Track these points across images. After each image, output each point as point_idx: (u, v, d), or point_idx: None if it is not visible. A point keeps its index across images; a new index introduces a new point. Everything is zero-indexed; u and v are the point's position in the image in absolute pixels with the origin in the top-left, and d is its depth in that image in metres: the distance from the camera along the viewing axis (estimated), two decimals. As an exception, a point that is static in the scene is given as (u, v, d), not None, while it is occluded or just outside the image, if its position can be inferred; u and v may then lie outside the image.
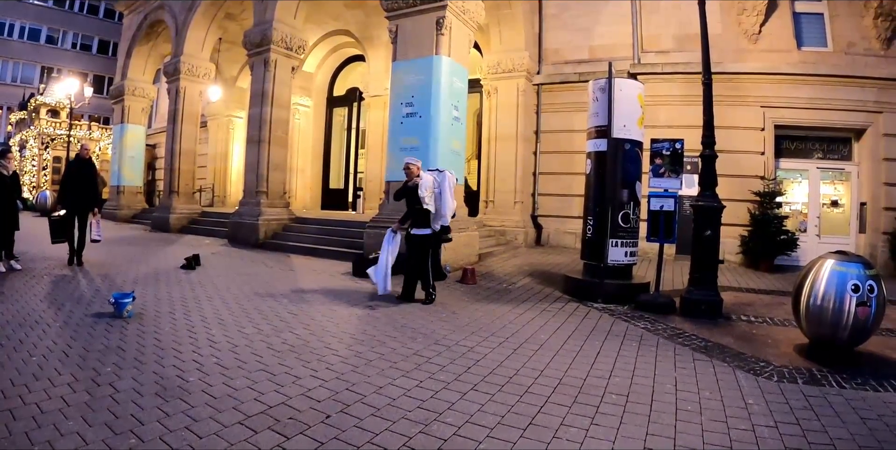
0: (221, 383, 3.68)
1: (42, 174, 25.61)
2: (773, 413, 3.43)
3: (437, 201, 6.68)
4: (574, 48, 12.87)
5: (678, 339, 5.22)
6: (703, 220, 6.40)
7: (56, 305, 5.90)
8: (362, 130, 17.74)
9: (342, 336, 5.02)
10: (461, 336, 5.10)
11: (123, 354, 4.26)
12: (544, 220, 13.20)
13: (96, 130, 29.16)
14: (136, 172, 20.56)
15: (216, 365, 4.06)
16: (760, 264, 10.06)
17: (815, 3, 11.19)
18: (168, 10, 17.43)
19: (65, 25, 41.25)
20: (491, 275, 8.75)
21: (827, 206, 11.09)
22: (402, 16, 9.80)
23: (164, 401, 3.34)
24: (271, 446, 2.80)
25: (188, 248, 11.03)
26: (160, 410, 3.20)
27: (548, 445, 2.86)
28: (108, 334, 4.82)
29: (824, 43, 11.08)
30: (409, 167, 6.76)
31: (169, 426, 2.99)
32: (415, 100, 9.37)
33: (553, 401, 3.50)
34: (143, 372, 3.86)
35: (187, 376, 3.80)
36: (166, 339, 4.75)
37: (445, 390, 3.66)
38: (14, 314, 5.42)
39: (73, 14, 41.81)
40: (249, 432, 2.95)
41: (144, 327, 5.10)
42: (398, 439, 2.89)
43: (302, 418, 3.15)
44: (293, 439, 2.88)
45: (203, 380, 3.74)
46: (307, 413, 3.22)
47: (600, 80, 7.28)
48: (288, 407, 3.30)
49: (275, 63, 12.86)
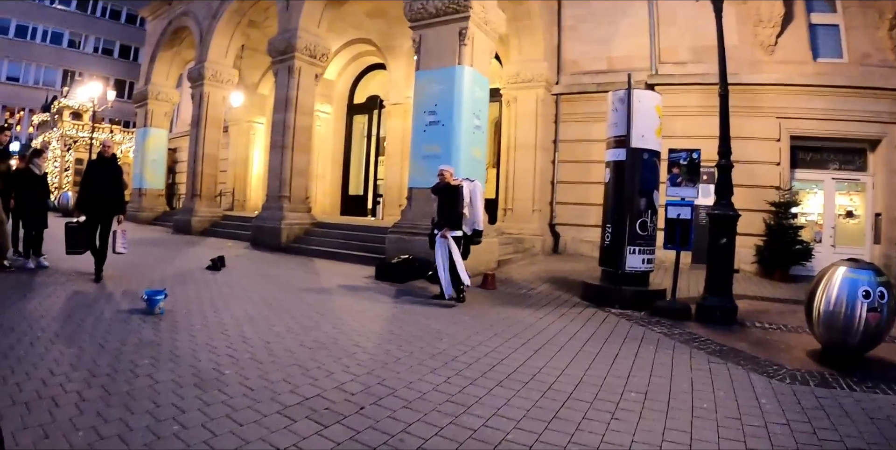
0: (257, 376, 3.87)
1: (64, 175, 26.10)
2: (786, 412, 3.57)
3: (470, 207, 7.12)
4: (592, 59, 13.07)
5: (694, 343, 5.38)
6: (718, 228, 6.57)
7: (87, 301, 6.15)
8: (382, 137, 18.00)
9: (369, 335, 5.24)
10: (484, 337, 5.30)
11: (159, 348, 4.45)
12: (562, 228, 13.37)
13: (118, 133, 29.85)
14: (158, 174, 21.05)
15: (251, 360, 4.26)
16: (775, 274, 10.13)
17: (830, 15, 11.30)
18: (192, 17, 17.88)
19: (87, 30, 42.35)
20: (510, 281, 8.95)
21: (842, 216, 11.15)
22: (426, 26, 10.03)
23: (202, 392, 3.51)
24: (310, 433, 2.98)
25: (211, 250, 11.35)
26: (200, 400, 3.38)
27: (571, 436, 3.05)
28: (142, 330, 5.02)
29: (840, 54, 11.18)
30: (443, 173, 7.16)
31: (210, 414, 3.16)
32: (437, 108, 9.60)
33: (575, 397, 3.69)
34: (180, 365, 4.05)
35: (223, 369, 3.99)
36: (200, 335, 4.95)
37: (472, 385, 3.85)
38: (47, 309, 5.67)
39: (95, 18, 42.88)
40: (288, 420, 3.13)
41: (177, 324, 5.31)
42: (430, 429, 3.09)
43: (337, 408, 3.34)
44: (330, 428, 3.06)
45: (239, 373, 3.93)
46: (342, 405, 3.41)
47: (620, 91, 7.48)
48: (323, 399, 3.48)
49: (299, 70, 13.17)
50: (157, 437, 2.84)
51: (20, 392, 3.32)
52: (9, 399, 3.20)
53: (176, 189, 26.30)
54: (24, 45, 39.09)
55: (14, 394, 3.29)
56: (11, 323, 5.00)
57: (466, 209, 7.08)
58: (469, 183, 7.24)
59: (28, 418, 2.97)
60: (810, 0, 11.35)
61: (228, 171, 21.66)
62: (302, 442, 2.87)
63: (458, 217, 7.07)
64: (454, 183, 7.12)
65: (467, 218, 7.13)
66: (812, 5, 11.35)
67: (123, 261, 9.24)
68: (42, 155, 8.98)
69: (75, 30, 41.71)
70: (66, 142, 26.59)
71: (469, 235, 7.20)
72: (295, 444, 2.85)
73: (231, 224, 16.12)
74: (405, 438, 2.97)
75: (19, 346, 4.30)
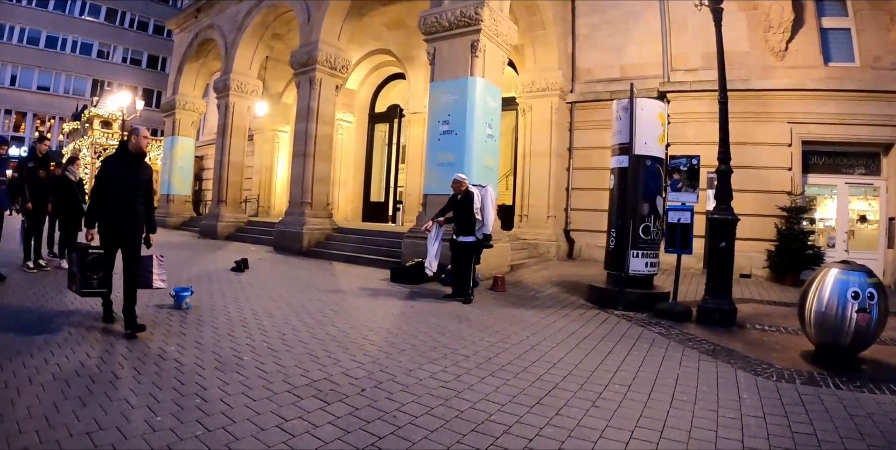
0: (272, 362, 4.30)
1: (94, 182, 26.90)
2: (764, 407, 3.71)
3: (481, 212, 7.47)
4: (605, 67, 13.27)
5: (689, 343, 5.56)
6: (718, 232, 6.71)
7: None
8: (402, 145, 18.33)
9: (378, 330, 5.57)
10: (485, 333, 5.58)
11: (184, 337, 4.94)
12: (576, 234, 13.54)
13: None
14: (185, 181, 21.67)
15: (267, 348, 4.69)
16: (786, 279, 10.15)
17: (841, 19, 11.28)
18: (217, 30, 18.46)
19: (115, 40, 43.45)
20: (521, 284, 9.18)
21: (856, 221, 11.14)
22: (439, 39, 10.36)
23: (222, 374, 3.96)
24: (315, 408, 3.38)
25: (236, 253, 11.76)
26: (220, 380, 3.82)
27: (550, 419, 3.31)
28: (170, 321, 5.53)
29: (851, 58, 11.15)
30: (461, 183, 7.57)
31: (228, 391, 3.60)
32: (451, 118, 9.91)
33: (561, 387, 3.94)
34: (203, 352, 4.51)
35: (242, 356, 4.44)
36: (222, 327, 5.41)
37: (467, 374, 4.15)
38: (82, 303, 6.13)
39: (124, 30, 44.02)
40: (296, 398, 3.54)
41: (202, 317, 5.76)
42: (422, 409, 3.42)
43: (341, 390, 3.73)
44: (333, 405, 3.45)
45: (256, 359, 4.37)
46: (345, 387, 3.79)
47: (623, 99, 7.71)
48: (329, 381, 3.88)
49: (320, 82, 13.61)
50: (180, 408, 3.28)
51: (60, 371, 3.84)
52: (50, 377, 3.71)
53: (202, 195, 26.96)
54: (55, 55, 40.42)
55: (55, 372, 3.81)
56: (50, 316, 5.55)
57: (478, 214, 7.42)
58: (480, 189, 7.63)
59: (68, 391, 3.46)
60: (821, 4, 11.35)
61: (253, 178, 22.18)
62: (307, 415, 3.27)
63: (471, 222, 7.43)
64: (472, 191, 7.53)
65: (480, 222, 7.48)
66: (823, 9, 11.36)
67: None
68: (76, 162, 9.45)
69: (104, 40, 42.93)
70: (97, 149, 27.43)
71: (480, 239, 7.54)
72: (300, 417, 3.24)
73: (255, 229, 16.55)
74: (398, 415, 3.31)
75: (58, 335, 4.81)
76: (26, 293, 6.67)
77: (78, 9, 41.52)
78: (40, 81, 40.04)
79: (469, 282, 7.45)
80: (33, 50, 39.44)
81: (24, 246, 8.57)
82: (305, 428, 3.09)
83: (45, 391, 3.44)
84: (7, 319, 5.25)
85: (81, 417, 3.08)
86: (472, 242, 7.50)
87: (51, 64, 40.20)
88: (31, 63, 39.41)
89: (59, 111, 39.56)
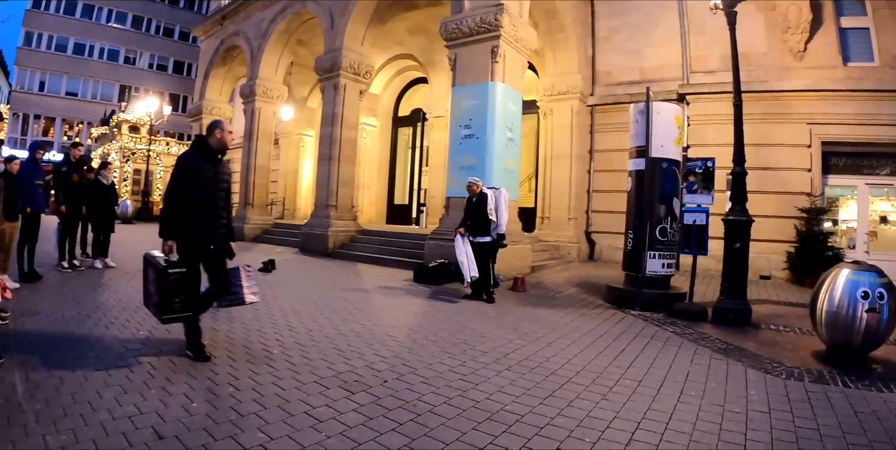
0: (299, 355, 4.59)
1: (123, 185, 27.56)
2: (770, 403, 3.82)
3: (495, 213, 7.76)
4: (625, 70, 13.40)
5: (702, 341, 5.69)
6: (732, 233, 6.82)
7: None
8: (426, 148, 18.56)
9: (401, 327, 5.83)
10: (504, 331, 5.80)
11: (216, 333, 5.21)
12: (597, 236, 13.69)
13: (174, 146, 31.07)
14: (211, 184, 22.04)
15: (295, 343, 4.98)
16: (805, 280, 10.11)
17: (860, 18, 11.22)
18: (243, 37, 18.88)
19: (142, 47, 44.53)
20: (541, 285, 9.37)
21: (878, 222, 11.08)
22: (460, 45, 10.59)
23: (253, 366, 4.24)
24: (340, 397, 3.63)
25: (262, 254, 12.03)
26: (251, 371, 4.10)
27: (561, 410, 3.51)
28: (202, 318, 5.69)
29: (871, 57, 11.08)
30: (474, 185, 7.81)
31: (259, 381, 3.87)
32: (472, 122, 10.13)
33: (574, 381, 4.13)
34: (235, 346, 4.81)
35: (271, 350, 4.73)
36: (252, 323, 5.72)
37: (484, 368, 4.38)
38: (117, 300, 6.55)
39: (150, 36, 45.07)
40: (323, 388, 3.81)
41: (232, 315, 6.01)
42: (440, 399, 3.66)
43: (364, 381, 3.99)
44: (357, 395, 3.70)
45: (284, 353, 4.65)
46: (368, 378, 4.05)
47: (639, 103, 7.87)
48: (353, 373, 4.15)
49: (344, 87, 13.92)
50: (215, 395, 3.57)
51: (100, 362, 4.13)
52: (91, 367, 4.00)
53: (227, 198, 27.42)
54: (82, 61, 41.66)
55: (95, 363, 4.09)
56: (87, 312, 5.88)
57: (492, 215, 7.68)
58: (494, 191, 7.92)
59: (109, 380, 3.74)
60: (839, 3, 11.31)
61: (279, 181, 22.56)
62: (333, 403, 3.52)
63: (485, 223, 7.68)
64: (486, 193, 7.78)
65: (494, 223, 7.73)
66: (841, 9, 11.31)
67: None
68: (108, 166, 9.88)
69: (130, 47, 44.04)
70: (125, 154, 28.13)
71: (495, 239, 7.80)
72: (326, 404, 3.50)
73: (281, 231, 16.92)
74: (418, 404, 3.55)
75: (96, 329, 5.15)
76: (61, 291, 7.03)
77: (105, 16, 42.76)
78: (68, 87, 41.28)
79: (489, 281, 7.68)
80: (61, 56, 40.76)
81: (58, 247, 8.91)
82: (331, 415, 3.32)
83: (87, 381, 3.70)
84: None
85: (123, 402, 3.34)
86: (487, 243, 7.76)
87: (79, 70, 41.49)
88: (60, 69, 40.68)
89: (87, 116, 40.80)
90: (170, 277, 4.24)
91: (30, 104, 39.22)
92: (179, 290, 4.28)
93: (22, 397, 3.35)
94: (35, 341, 4.63)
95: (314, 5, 15.28)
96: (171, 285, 4.24)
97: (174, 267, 4.28)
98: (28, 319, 5.41)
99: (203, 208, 4.30)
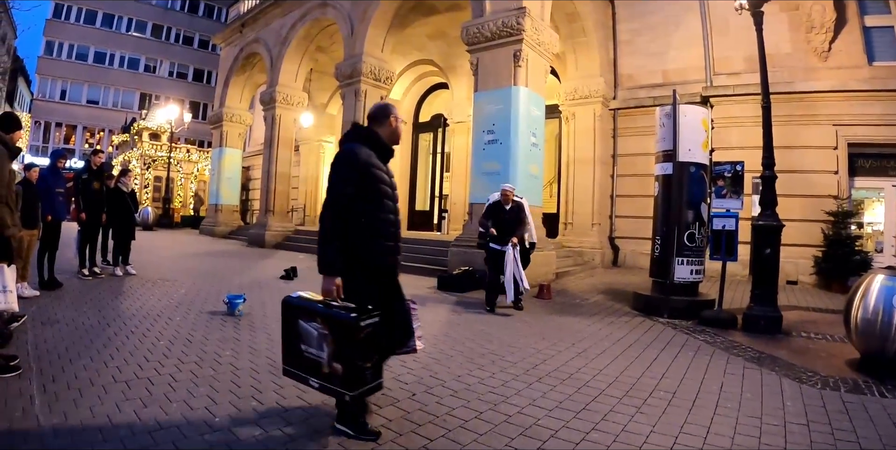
0: None
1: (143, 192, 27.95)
2: (808, 414, 3.76)
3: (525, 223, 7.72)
4: (648, 73, 13.31)
5: (733, 350, 5.61)
6: (762, 239, 6.72)
7: (173, 304, 7.00)
8: (447, 153, 18.59)
9: (427, 337, 5.67)
10: (532, 340, 5.75)
11: (239, 343, 5.16)
12: (621, 241, 13.59)
13: (194, 153, 31.53)
14: (233, 191, 22.41)
15: None
16: (833, 285, 9.97)
17: (884, 17, 11.04)
18: (263, 44, 19.10)
19: (161, 55, 45.42)
20: (566, 292, 9.31)
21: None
22: (482, 49, 10.57)
23: (277, 377, 4.10)
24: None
25: (284, 261, 12.16)
26: (275, 383, 4.01)
27: (596, 424, 3.46)
28: (224, 328, 5.79)
29: (896, 56, 10.92)
30: (510, 193, 7.65)
31: (283, 394, 3.80)
32: (495, 127, 10.10)
33: (607, 393, 4.08)
34: (258, 356, 4.73)
35: None
36: (275, 333, 5.46)
37: (514, 380, 4.32)
38: (138, 309, 6.57)
39: (170, 44, 45.95)
40: None
41: (254, 324, 6.03)
42: (471, 413, 3.60)
43: (392, 394, 3.89)
44: (385, 409, 3.62)
45: None
46: (396, 391, 3.97)
47: (666, 106, 7.78)
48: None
49: (364, 93, 13.98)
50: (238, 409, 3.50)
51: (120, 373, 4.09)
52: (111, 378, 3.95)
53: (249, 205, 27.75)
54: (103, 70, 42.55)
55: (115, 374, 4.05)
56: (107, 320, 5.88)
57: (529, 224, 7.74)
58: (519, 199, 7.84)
59: (129, 392, 3.69)
60: (863, 2, 11.13)
61: (299, 187, 22.75)
62: None
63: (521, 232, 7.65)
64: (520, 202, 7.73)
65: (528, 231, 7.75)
66: (865, 7, 11.13)
67: (203, 270, 10.04)
68: (128, 174, 10.00)
69: (150, 55, 44.93)
70: (146, 161, 28.53)
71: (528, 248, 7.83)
72: None
73: (302, 238, 17.00)
74: (448, 419, 3.48)
75: (116, 338, 5.13)
76: (82, 299, 7.04)
77: (125, 25, 43.68)
78: (89, 95, 42.18)
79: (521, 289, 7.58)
80: (82, 65, 41.71)
81: (79, 254, 8.93)
82: None
83: (106, 393, 3.64)
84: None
85: (143, 417, 3.28)
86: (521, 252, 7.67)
87: (99, 78, 42.38)
88: (81, 78, 41.62)
89: (107, 124, 41.65)
90: (362, 331, 2.84)
91: (51, 112, 40.04)
92: (371, 348, 2.94)
93: (39, 410, 3.30)
94: (54, 350, 4.62)
95: (334, 12, 15.41)
96: (364, 344, 2.87)
97: (364, 315, 2.89)
98: (47, 327, 5.42)
99: (392, 224, 3.28)
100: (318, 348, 2.94)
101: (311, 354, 2.98)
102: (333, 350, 2.87)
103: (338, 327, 2.87)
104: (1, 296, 3.75)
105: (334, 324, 2.88)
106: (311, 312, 3.02)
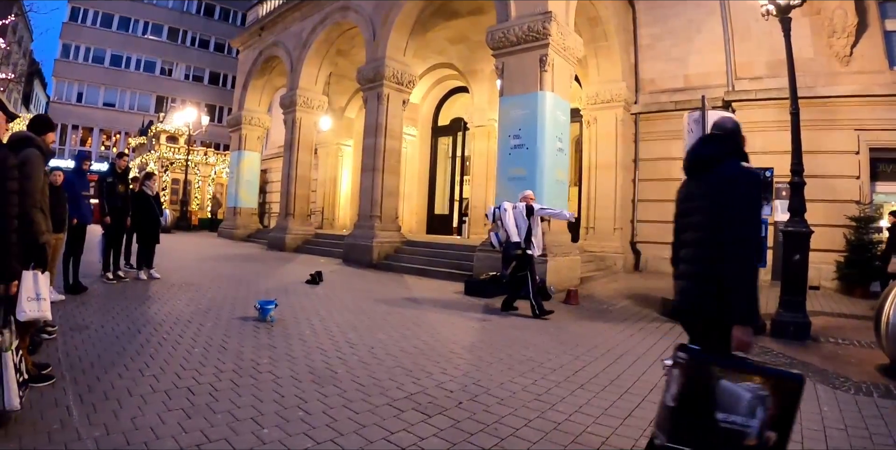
0: (366, 375, 4.48)
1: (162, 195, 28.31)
2: (845, 419, 3.86)
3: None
4: (669, 77, 13.37)
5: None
6: (792, 245, 6.80)
7: (202, 309, 6.95)
8: (466, 157, 18.61)
9: (463, 343, 5.88)
10: (568, 347, 5.86)
11: (275, 350, 5.12)
12: (643, 246, 13.67)
13: (212, 156, 31.73)
14: (252, 194, 22.51)
15: (359, 361, 4.89)
16: (855, 291, 10.00)
17: (905, 20, 11.01)
18: (282, 47, 19.17)
19: (178, 58, 45.72)
20: (592, 297, 9.41)
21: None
22: (508, 54, 10.62)
23: (319, 386, 4.12)
24: (417, 421, 3.56)
25: (306, 266, 12.22)
26: (318, 393, 3.99)
27: (643, 431, 3.55)
28: (257, 334, 5.75)
29: (918, 60, 10.86)
30: (529, 197, 7.82)
31: (329, 404, 3.77)
32: (521, 132, 10.15)
33: (649, 400, 4.17)
34: (297, 364, 4.69)
35: (335, 369, 4.63)
36: (310, 340, 5.66)
37: (556, 387, 4.43)
38: (167, 314, 6.49)
39: (186, 48, 46.27)
40: (397, 411, 3.72)
41: (288, 330, 6.03)
42: (520, 421, 3.67)
43: (439, 402, 3.93)
44: (434, 418, 3.64)
45: (350, 372, 4.55)
46: (442, 400, 3.99)
47: (694, 112, 7.79)
48: (425, 394, 4.09)
49: (387, 97, 14.05)
50: (285, 420, 3.45)
51: (158, 382, 4.02)
52: (149, 388, 3.88)
53: (267, 208, 27.95)
54: (119, 73, 42.99)
55: (153, 383, 3.98)
56: (137, 326, 5.81)
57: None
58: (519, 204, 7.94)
59: (170, 402, 3.61)
60: (884, 6, 11.15)
61: (318, 190, 22.83)
62: (411, 428, 3.44)
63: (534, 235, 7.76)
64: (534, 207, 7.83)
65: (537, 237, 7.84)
66: (886, 11, 11.16)
67: (227, 274, 10.06)
68: (153, 177, 9.94)
69: (167, 58, 45.29)
70: (163, 163, 28.80)
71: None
72: (405, 429, 3.42)
73: (322, 241, 17.09)
74: (499, 427, 3.54)
75: (148, 345, 5.05)
76: (109, 304, 6.96)
77: (141, 28, 44.11)
78: (106, 98, 42.56)
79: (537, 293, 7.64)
80: (99, 68, 42.15)
81: (103, 258, 8.88)
82: (412, 440, 3.24)
83: (146, 403, 3.56)
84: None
85: (188, 428, 3.21)
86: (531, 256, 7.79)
87: (116, 81, 42.78)
88: (97, 81, 42.04)
89: (124, 126, 42.04)
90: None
91: (68, 115, 40.37)
92: None
93: (78, 422, 3.21)
94: (86, 357, 4.53)
95: (355, 15, 15.48)
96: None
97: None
98: (77, 333, 5.33)
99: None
100: (747, 414, 2.29)
101: (730, 423, 2.30)
102: (771, 416, 2.26)
103: (783, 388, 2.29)
104: (35, 304, 3.65)
105: (779, 383, 2.29)
106: (743, 369, 2.38)
